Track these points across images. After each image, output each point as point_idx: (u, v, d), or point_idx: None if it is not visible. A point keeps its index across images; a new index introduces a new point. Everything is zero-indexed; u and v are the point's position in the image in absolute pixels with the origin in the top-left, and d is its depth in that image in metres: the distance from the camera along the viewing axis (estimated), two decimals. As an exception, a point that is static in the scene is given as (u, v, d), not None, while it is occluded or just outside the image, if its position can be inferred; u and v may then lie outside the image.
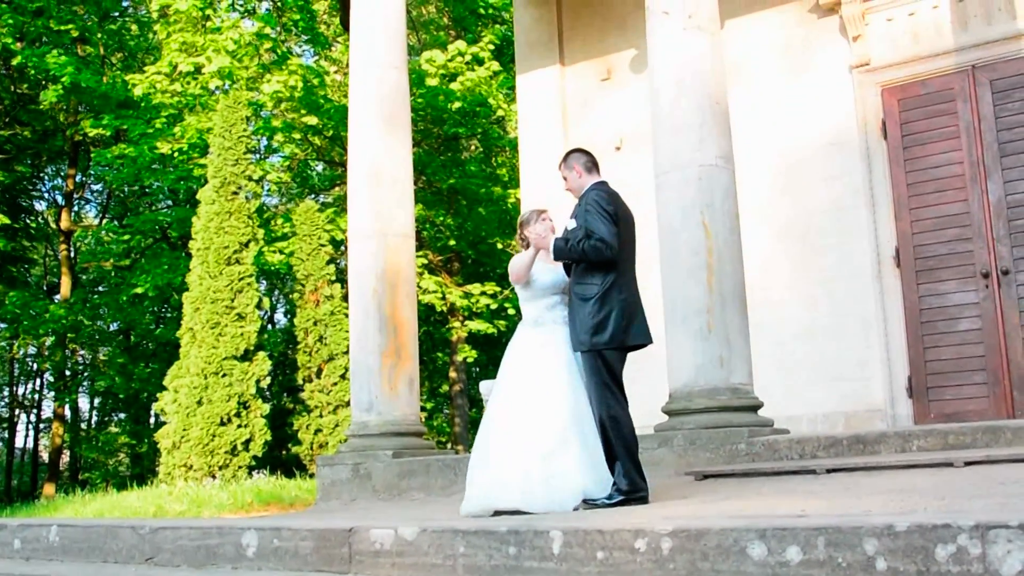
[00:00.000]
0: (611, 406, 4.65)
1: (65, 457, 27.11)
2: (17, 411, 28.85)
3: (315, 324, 16.54)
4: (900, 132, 8.46)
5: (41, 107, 20.82)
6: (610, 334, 4.67)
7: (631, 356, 5.06)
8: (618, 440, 4.61)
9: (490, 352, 23.82)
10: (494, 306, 19.86)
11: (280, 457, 19.10)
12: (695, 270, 6.54)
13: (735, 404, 6.37)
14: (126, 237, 21.57)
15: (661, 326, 6.88)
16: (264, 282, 24.57)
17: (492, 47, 19.19)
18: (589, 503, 4.56)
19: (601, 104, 10.21)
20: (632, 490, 4.55)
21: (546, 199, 10.41)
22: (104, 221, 26.12)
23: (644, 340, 4.87)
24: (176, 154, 18.42)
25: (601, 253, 4.69)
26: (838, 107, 8.78)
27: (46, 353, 24.65)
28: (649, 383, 8.79)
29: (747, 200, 8.22)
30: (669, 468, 6.26)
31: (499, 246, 21.33)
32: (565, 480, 4.53)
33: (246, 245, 14.99)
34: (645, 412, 8.23)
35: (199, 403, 14.03)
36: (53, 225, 25.08)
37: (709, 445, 6.18)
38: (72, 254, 24.00)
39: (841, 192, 8.69)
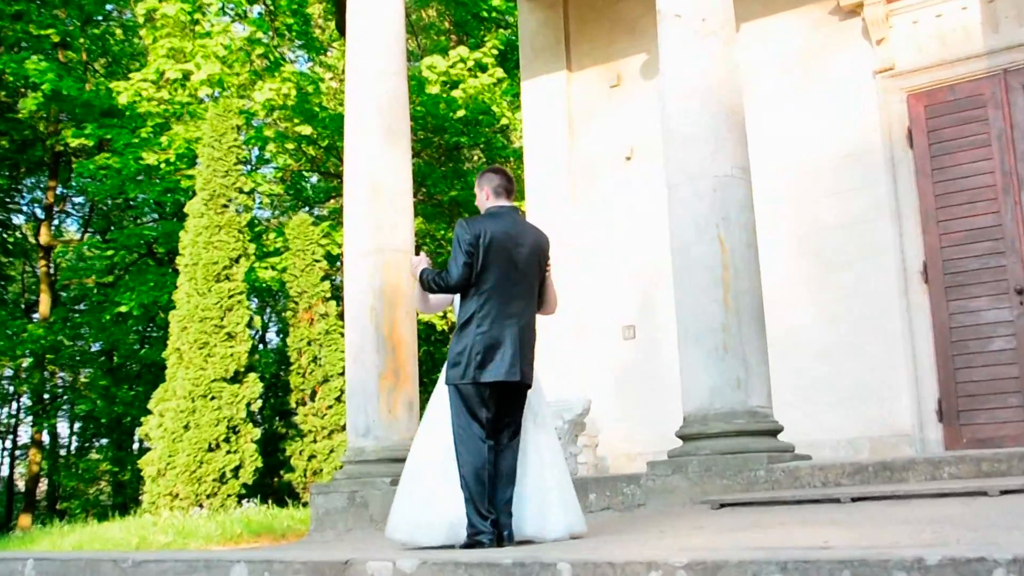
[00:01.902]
0: (456, 443, 4.75)
1: (43, 486, 27.08)
2: (-7, 437, 28.85)
3: (309, 344, 16.55)
4: (927, 140, 8.46)
5: (20, 116, 20.92)
6: (462, 369, 4.76)
7: (642, 375, 5.05)
8: (460, 478, 4.70)
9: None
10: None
11: (272, 485, 19.08)
12: (710, 287, 6.53)
13: (753, 428, 6.35)
14: (109, 253, 21.61)
15: (674, 346, 6.88)
16: (255, 300, 24.58)
17: (496, 52, 19.29)
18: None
19: (610, 112, 10.24)
20: (472, 533, 4.60)
21: (553, 211, 10.44)
22: (86, 236, 26.19)
23: (503, 378, 4.74)
24: (163, 165, 18.48)
25: (437, 284, 4.92)
26: (860, 115, 8.79)
27: (23, 375, 24.66)
28: (662, 406, 8.78)
29: (762, 213, 8.21)
30: (684, 496, 6.24)
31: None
32: (441, 512, 4.70)
33: (236, 261, 15.03)
34: (658, 437, 8.22)
35: (186, 428, 14.02)
36: (32, 240, 25.16)
37: (726, 472, 6.16)
38: (52, 270, 24.06)
39: (864, 205, 8.69)
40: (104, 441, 27.47)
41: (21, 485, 28.57)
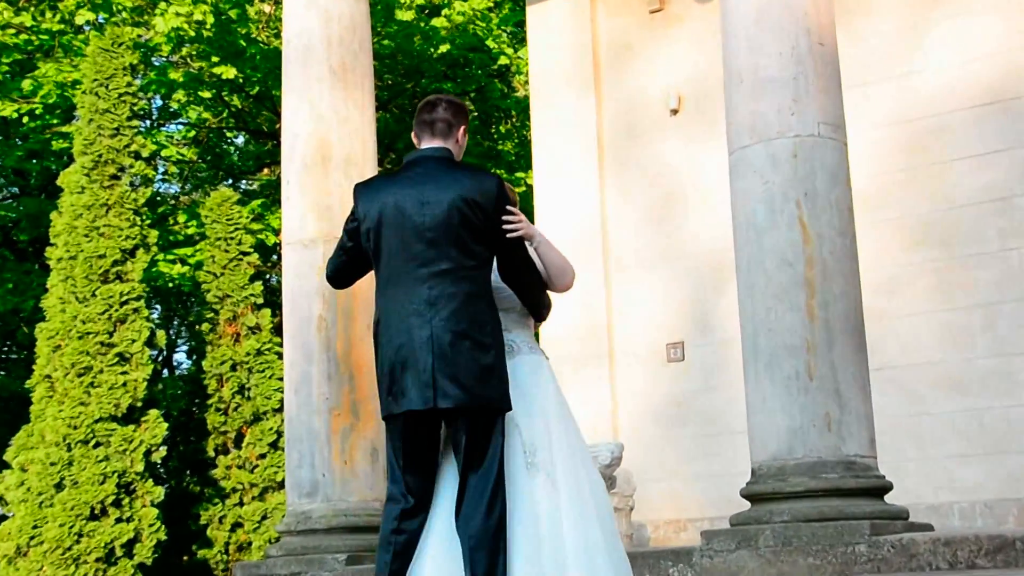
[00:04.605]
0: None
1: None
2: None
3: (234, 368, 16.55)
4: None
5: None
6: (381, 398, 4.60)
7: (693, 412, 5.07)
8: None
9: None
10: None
11: (180, 565, 19.09)
12: (788, 289, 6.56)
13: (850, 486, 6.38)
14: (-48, 243, 21.70)
15: (738, 370, 6.90)
16: (157, 308, 24.64)
17: (492, -35, 19.33)
18: None
19: (649, 48, 10.26)
20: None
21: (572, 186, 10.47)
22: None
23: (416, 406, 4.42)
24: (25, 119, 18.50)
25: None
26: (1001, 45, 8.79)
27: None
28: (722, 454, 8.80)
29: (859, 188, 8.24)
30: (753, 581, 6.27)
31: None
32: None
33: (131, 253, 15.03)
34: (716, 497, 8.25)
35: (59, 487, 14.03)
36: None
37: (812, 547, 6.18)
38: None
39: (1008, 172, 8.70)
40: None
41: None
